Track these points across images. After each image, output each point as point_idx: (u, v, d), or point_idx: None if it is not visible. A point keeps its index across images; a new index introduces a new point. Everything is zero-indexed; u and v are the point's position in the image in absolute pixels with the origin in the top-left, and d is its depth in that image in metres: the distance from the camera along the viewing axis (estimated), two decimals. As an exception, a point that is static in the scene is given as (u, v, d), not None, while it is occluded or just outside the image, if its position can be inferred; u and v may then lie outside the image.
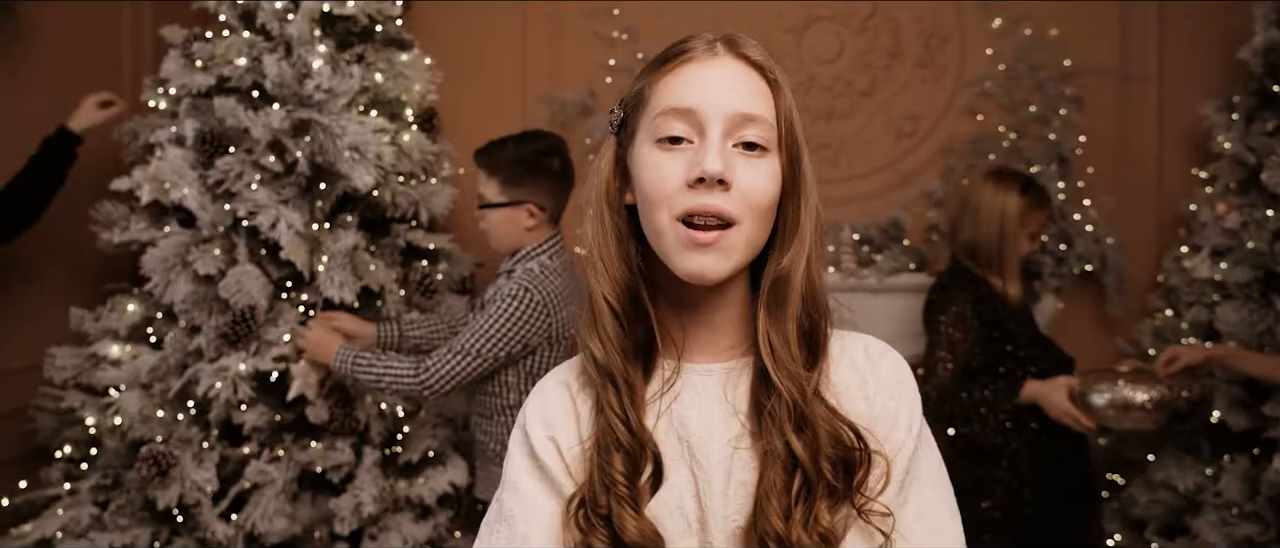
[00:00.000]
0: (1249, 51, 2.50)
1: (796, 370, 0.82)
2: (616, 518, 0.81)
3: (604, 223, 0.88)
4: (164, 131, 2.42)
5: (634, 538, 0.80)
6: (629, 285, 0.87)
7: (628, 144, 0.89)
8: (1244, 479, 2.28)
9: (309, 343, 2.20)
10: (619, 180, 0.90)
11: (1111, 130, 2.95)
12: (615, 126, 0.91)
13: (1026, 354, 2.16)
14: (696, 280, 0.83)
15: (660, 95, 0.85)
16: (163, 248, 2.31)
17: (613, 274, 0.86)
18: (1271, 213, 2.40)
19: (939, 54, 3.04)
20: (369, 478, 2.31)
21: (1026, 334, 2.19)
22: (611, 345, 0.85)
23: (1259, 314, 2.36)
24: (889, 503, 0.82)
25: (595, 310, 0.86)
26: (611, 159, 0.91)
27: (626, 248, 0.88)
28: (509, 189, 2.14)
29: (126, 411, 2.26)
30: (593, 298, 0.87)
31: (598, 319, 0.86)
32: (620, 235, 0.88)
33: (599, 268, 0.87)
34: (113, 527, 2.23)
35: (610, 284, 0.86)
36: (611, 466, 0.82)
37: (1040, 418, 2.12)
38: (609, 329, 0.85)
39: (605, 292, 0.86)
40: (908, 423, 0.86)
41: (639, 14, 3.15)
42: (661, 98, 0.85)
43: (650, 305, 0.87)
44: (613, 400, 0.84)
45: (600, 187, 0.90)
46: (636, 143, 0.87)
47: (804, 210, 0.85)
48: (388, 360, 2.09)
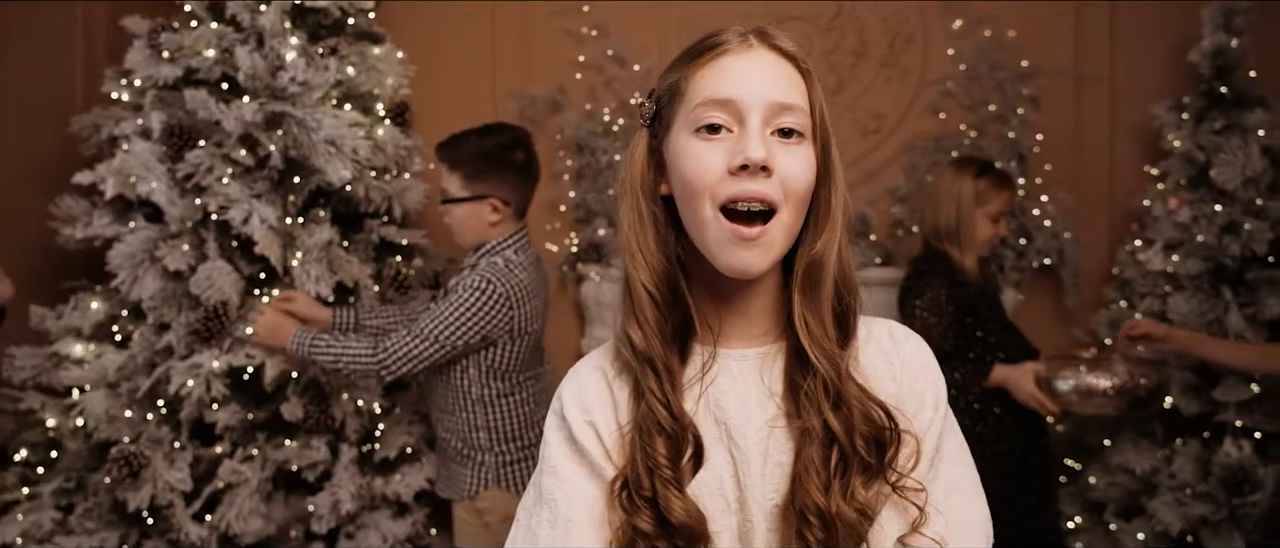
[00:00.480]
0: (1198, 54, 2.60)
1: (832, 350, 0.85)
2: (662, 499, 0.82)
3: (641, 213, 0.89)
4: (129, 124, 2.36)
5: (680, 518, 0.82)
6: (668, 274, 0.88)
7: (662, 136, 0.90)
8: (1196, 462, 2.38)
9: (262, 328, 2.16)
10: (653, 172, 0.91)
11: (1067, 129, 3.05)
12: (647, 119, 0.92)
13: (996, 340, 2.23)
14: (739, 275, 0.85)
15: (697, 87, 0.87)
16: (129, 243, 2.25)
17: (651, 263, 0.88)
18: (1220, 208, 2.50)
19: (903, 54, 3.11)
20: (346, 475, 2.28)
21: (997, 321, 2.27)
22: (651, 331, 0.86)
23: (1208, 305, 2.47)
24: (920, 479, 0.85)
25: (634, 298, 0.88)
26: (645, 151, 0.92)
27: (665, 237, 0.89)
28: (472, 183, 2.12)
29: (91, 411, 2.20)
30: (631, 286, 0.88)
31: (637, 306, 0.87)
32: (659, 225, 0.89)
33: (638, 257, 0.88)
34: (79, 531, 2.17)
35: (649, 273, 0.88)
36: (654, 449, 0.84)
37: (1004, 403, 2.20)
38: (649, 316, 0.87)
39: (644, 280, 0.87)
40: (934, 403, 0.89)
41: (608, 11, 3.16)
42: (699, 89, 0.86)
43: (688, 293, 0.89)
44: (653, 385, 0.86)
45: (635, 179, 0.91)
46: (673, 134, 0.89)
47: (835, 197, 0.88)
48: (345, 342, 2.08)
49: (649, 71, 3.14)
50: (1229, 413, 2.37)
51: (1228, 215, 2.49)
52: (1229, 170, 2.46)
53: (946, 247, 2.28)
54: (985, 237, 2.32)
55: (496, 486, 2.13)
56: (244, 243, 2.29)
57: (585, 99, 3.16)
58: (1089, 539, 2.54)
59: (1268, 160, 2.47)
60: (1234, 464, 2.31)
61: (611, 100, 3.16)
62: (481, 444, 2.12)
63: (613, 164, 3.06)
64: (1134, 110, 2.92)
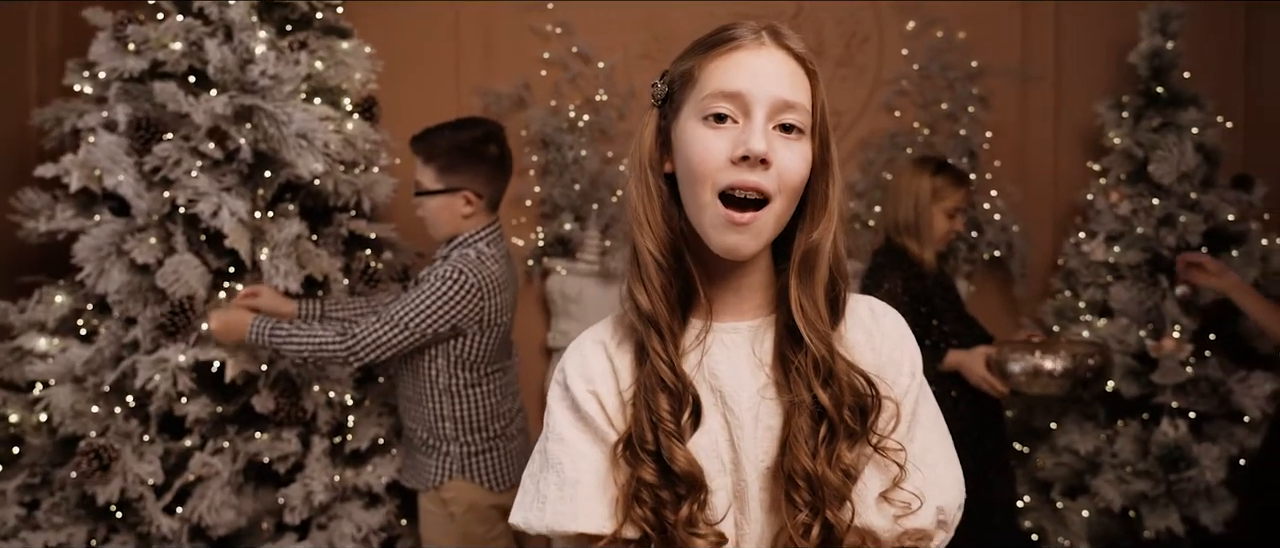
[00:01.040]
0: (1136, 56, 2.73)
1: (825, 331, 0.92)
2: (666, 451, 0.88)
3: (648, 186, 0.95)
4: (93, 116, 2.33)
5: (683, 467, 0.88)
6: (672, 243, 0.94)
7: (672, 117, 0.96)
8: (1136, 442, 2.52)
9: (216, 323, 2.13)
10: (660, 150, 0.97)
11: (1015, 126, 3.17)
12: (659, 101, 0.98)
13: (951, 329, 2.33)
14: (730, 256, 0.91)
15: (709, 77, 0.92)
16: (95, 236, 2.23)
17: (657, 233, 0.94)
18: (1157, 201, 2.64)
19: (859, 54, 3.21)
20: (319, 467, 2.29)
21: (953, 311, 2.37)
22: (657, 295, 0.92)
23: (1147, 293, 2.60)
24: (900, 440, 0.92)
25: (641, 264, 0.93)
26: (654, 130, 0.97)
27: (669, 209, 0.95)
28: (445, 176, 2.15)
29: (57, 405, 2.18)
30: (639, 253, 0.94)
31: (643, 271, 0.93)
32: (663, 198, 0.95)
33: (645, 226, 0.94)
34: (46, 526, 2.15)
35: (655, 241, 0.93)
36: (658, 405, 0.90)
37: (960, 387, 2.30)
38: (655, 281, 0.92)
39: (651, 247, 0.93)
40: (911, 370, 0.96)
41: (572, 9, 3.21)
42: (711, 79, 0.92)
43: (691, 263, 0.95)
44: (657, 346, 0.91)
45: (644, 154, 0.96)
46: (682, 118, 0.94)
47: (832, 189, 0.94)
48: (310, 329, 2.08)
49: (613, 69, 3.20)
50: (1166, 395, 2.50)
51: (1164, 208, 2.62)
52: (1165, 166, 2.60)
53: (906, 240, 2.38)
54: (942, 231, 2.42)
55: (461, 476, 2.16)
56: (212, 236, 2.28)
57: (550, 96, 3.20)
58: (1037, 517, 2.66)
59: (1201, 156, 2.62)
60: (1171, 443, 2.44)
61: (576, 97, 3.20)
62: (447, 434, 2.16)
63: (578, 160, 3.11)
64: (1077, 109, 3.06)
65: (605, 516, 0.91)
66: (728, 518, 0.92)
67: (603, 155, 3.15)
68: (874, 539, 0.91)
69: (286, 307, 2.24)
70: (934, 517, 0.93)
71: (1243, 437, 2.44)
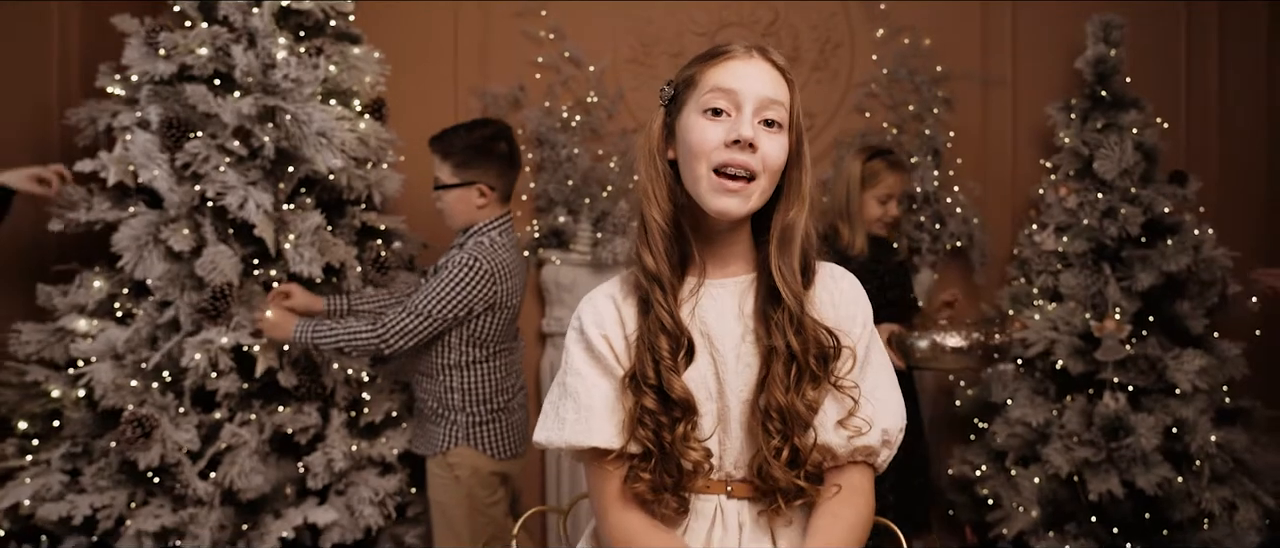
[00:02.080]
0: (1083, 62, 2.96)
1: (799, 291, 1.15)
2: (665, 382, 1.11)
3: (656, 169, 1.18)
4: (127, 116, 2.53)
5: (679, 394, 1.11)
6: (673, 214, 1.17)
7: (676, 114, 1.19)
8: (1082, 414, 2.75)
9: (267, 326, 2.35)
10: (665, 140, 1.19)
11: (976, 127, 3.41)
12: (666, 100, 1.21)
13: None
14: (722, 216, 1.13)
15: (709, 79, 1.15)
16: (133, 227, 2.42)
17: (661, 205, 1.16)
18: (1101, 196, 2.86)
19: (832, 58, 3.44)
20: (338, 437, 2.50)
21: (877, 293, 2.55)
22: (660, 256, 1.15)
23: (1093, 279, 2.84)
24: (854, 379, 1.15)
25: (648, 231, 1.16)
26: (661, 124, 1.20)
27: (672, 188, 1.18)
28: (461, 171, 2.38)
29: (99, 381, 2.38)
30: (646, 222, 1.16)
31: (649, 236, 1.15)
32: (667, 178, 1.18)
33: (652, 200, 1.17)
34: (91, 489, 2.34)
35: (660, 211, 1.16)
36: (659, 345, 1.12)
37: None
38: (659, 243, 1.15)
39: (656, 216, 1.16)
40: (863, 322, 1.20)
41: (564, 16, 3.42)
42: (710, 81, 1.15)
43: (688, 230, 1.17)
44: (659, 297, 1.14)
45: (653, 143, 1.19)
46: (685, 113, 1.17)
47: (804, 178, 1.17)
48: (346, 324, 2.30)
49: (602, 72, 3.41)
50: (1108, 371, 2.74)
51: (1107, 202, 2.85)
52: (1108, 163, 2.83)
53: (838, 223, 2.59)
54: (873, 216, 2.59)
55: (465, 443, 2.38)
56: (238, 226, 2.49)
57: (544, 97, 3.41)
58: (993, 485, 2.90)
59: (1140, 154, 2.85)
60: (1112, 415, 2.69)
61: (568, 98, 3.41)
62: (455, 405, 2.37)
63: (571, 158, 3.32)
64: (1032, 111, 3.28)
65: (614, 434, 1.14)
66: (713, 438, 1.15)
67: (593, 153, 3.37)
68: (831, 455, 1.15)
69: (317, 303, 2.46)
70: (880, 437, 1.16)
71: (1176, 408, 2.68)
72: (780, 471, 1.10)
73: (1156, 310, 2.80)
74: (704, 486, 1.16)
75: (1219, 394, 2.75)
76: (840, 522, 1.12)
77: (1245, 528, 2.61)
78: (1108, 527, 2.68)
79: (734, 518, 1.16)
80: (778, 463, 1.11)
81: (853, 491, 1.15)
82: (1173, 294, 2.80)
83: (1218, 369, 2.71)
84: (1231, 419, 2.77)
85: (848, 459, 1.16)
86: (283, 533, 2.41)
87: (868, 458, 1.17)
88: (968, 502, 3.01)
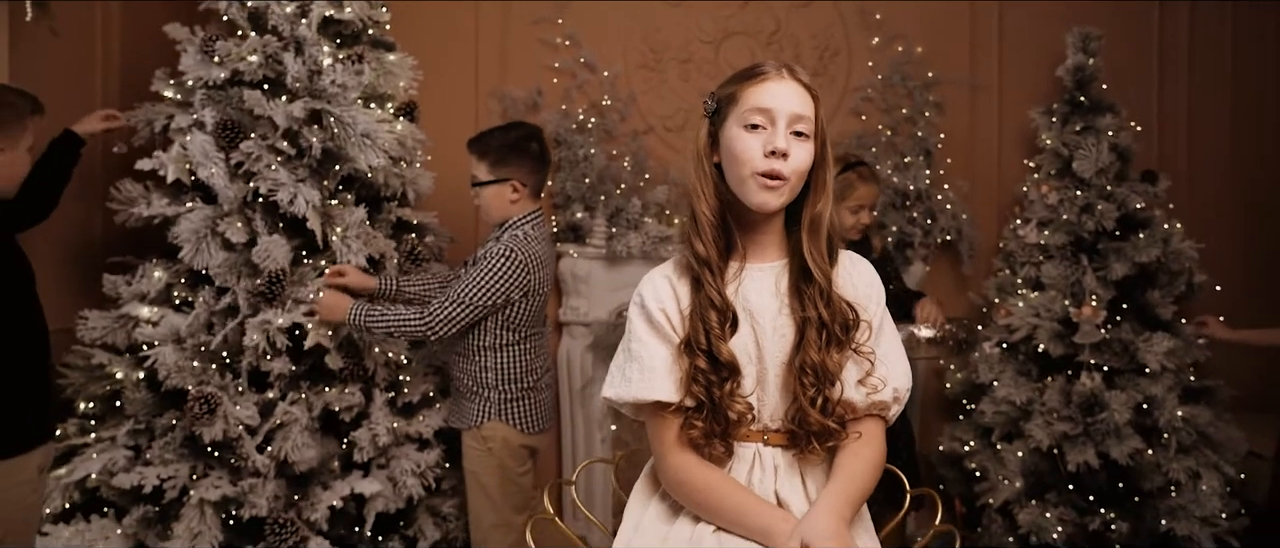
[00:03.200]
0: (1064, 70, 3.20)
1: (827, 270, 1.38)
2: (714, 347, 1.34)
3: (704, 171, 1.40)
4: (183, 118, 2.72)
5: (726, 358, 1.34)
6: (718, 208, 1.39)
7: (719, 125, 1.40)
8: (1061, 392, 2.99)
9: (323, 307, 2.57)
10: (709, 147, 1.41)
11: (964, 129, 3.65)
12: (710, 112, 1.43)
13: None
14: (762, 209, 1.36)
15: (748, 98, 1.36)
16: (192, 220, 2.62)
17: (709, 201, 1.38)
18: (1079, 193, 3.11)
19: (830, 65, 3.67)
20: (381, 415, 2.72)
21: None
22: (709, 243, 1.37)
23: (1071, 269, 3.09)
24: (871, 347, 1.39)
25: (698, 222, 1.38)
26: (706, 133, 1.42)
27: (717, 186, 1.40)
28: (496, 169, 2.60)
29: (164, 362, 2.58)
30: (697, 215, 1.38)
31: (700, 227, 1.38)
32: (713, 178, 1.40)
33: (701, 197, 1.39)
34: (157, 462, 2.54)
35: (708, 206, 1.38)
36: (709, 318, 1.35)
37: None
38: (707, 233, 1.37)
39: (705, 210, 1.38)
40: (878, 300, 1.44)
41: (579, 24, 3.63)
42: (749, 100, 1.36)
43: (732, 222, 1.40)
44: (709, 278, 1.36)
45: (700, 149, 1.41)
46: (728, 125, 1.38)
47: (827, 176, 1.39)
48: (396, 310, 2.52)
49: (615, 77, 3.63)
50: (1085, 353, 2.99)
51: (1085, 199, 3.08)
52: (1086, 163, 3.07)
53: None
54: (847, 225, 2.73)
55: (498, 418, 2.60)
56: (288, 220, 2.69)
57: (561, 100, 3.62)
58: (980, 459, 3.14)
59: (1115, 155, 3.10)
60: (1088, 393, 2.93)
61: (583, 101, 3.63)
62: (489, 383, 2.59)
63: (587, 157, 3.53)
64: (1016, 115, 3.52)
65: (672, 389, 1.36)
66: (753, 394, 1.38)
67: (608, 153, 3.58)
68: (852, 409, 1.38)
69: (370, 282, 2.66)
70: (892, 394, 1.40)
71: (1146, 386, 2.92)
72: (815, 416, 1.33)
73: (1129, 298, 3.04)
74: (745, 435, 1.39)
75: (1185, 374, 3.00)
76: (860, 458, 1.36)
77: (1208, 495, 2.86)
78: (1084, 495, 2.93)
79: (770, 461, 1.39)
80: (813, 410, 1.34)
81: (869, 437, 1.39)
82: (1144, 283, 3.04)
83: (1184, 351, 2.97)
84: (1196, 397, 3.02)
85: (865, 412, 1.39)
86: (332, 502, 2.62)
87: (881, 411, 1.41)
88: (957, 476, 3.25)
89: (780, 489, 1.37)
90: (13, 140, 2.02)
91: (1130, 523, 2.88)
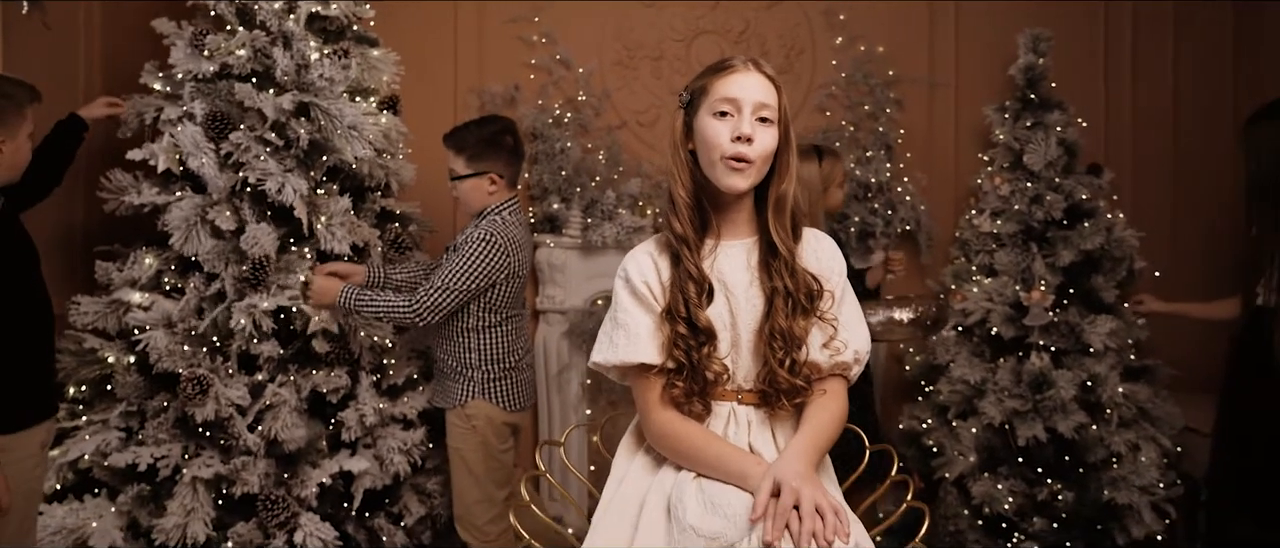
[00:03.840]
0: (1016, 69, 3.37)
1: (791, 246, 1.52)
2: (692, 315, 1.48)
3: (680, 158, 1.54)
4: (172, 110, 2.80)
5: (703, 324, 1.48)
6: (694, 191, 1.53)
7: (693, 115, 1.54)
8: (1012, 372, 3.18)
9: (315, 291, 2.68)
10: (684, 135, 1.55)
11: (922, 125, 3.82)
12: (684, 104, 1.56)
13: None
14: (731, 190, 1.50)
15: (717, 89, 1.51)
16: (183, 208, 2.70)
17: (685, 185, 1.53)
18: (1030, 184, 3.29)
19: (796, 63, 3.83)
20: (368, 396, 2.82)
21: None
22: (686, 223, 1.51)
23: (1022, 256, 3.27)
24: (834, 314, 1.53)
25: (676, 204, 1.52)
26: (681, 123, 1.56)
27: (692, 171, 1.54)
28: (474, 163, 2.72)
29: (155, 346, 2.66)
30: (675, 198, 1.52)
31: (677, 209, 1.52)
32: (689, 164, 1.54)
33: (677, 181, 1.53)
34: (150, 442, 2.62)
35: (684, 189, 1.52)
36: (687, 289, 1.49)
37: None
38: (684, 213, 1.51)
39: (681, 193, 1.52)
40: (840, 273, 1.59)
41: (555, 22, 3.75)
42: (718, 91, 1.50)
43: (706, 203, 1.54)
44: (687, 254, 1.50)
45: (676, 138, 1.55)
46: (700, 114, 1.52)
47: (791, 159, 1.54)
48: (384, 296, 2.63)
49: (590, 74, 3.75)
50: (1035, 335, 3.18)
51: (1034, 190, 3.27)
52: (1036, 156, 3.26)
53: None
54: (838, 201, 2.93)
55: (481, 397, 2.72)
56: (276, 209, 2.78)
57: (537, 95, 3.74)
58: (937, 436, 3.32)
59: (1062, 149, 3.28)
60: (1037, 372, 3.12)
61: (559, 97, 3.75)
62: (472, 364, 2.71)
63: (563, 150, 3.66)
64: (972, 111, 3.69)
65: (655, 353, 1.50)
66: (727, 358, 1.53)
67: (583, 147, 3.71)
68: (817, 369, 1.53)
69: (359, 271, 2.77)
70: (853, 356, 1.55)
71: (1090, 365, 3.12)
72: (784, 376, 1.48)
73: (1075, 283, 3.23)
74: (721, 394, 1.53)
75: (1127, 353, 3.21)
76: (825, 412, 1.51)
77: (1147, 467, 3.06)
78: (1033, 467, 3.12)
79: (744, 418, 1.53)
80: (782, 371, 1.49)
81: (833, 394, 1.54)
82: (1089, 269, 3.23)
83: (1125, 332, 3.17)
84: (1137, 375, 3.23)
85: (829, 372, 1.54)
86: (321, 480, 2.72)
87: (843, 372, 1.56)
88: (916, 453, 3.43)
89: (753, 441, 1.51)
90: (13, 131, 2.11)
91: (1075, 493, 3.08)
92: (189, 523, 2.56)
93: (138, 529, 2.61)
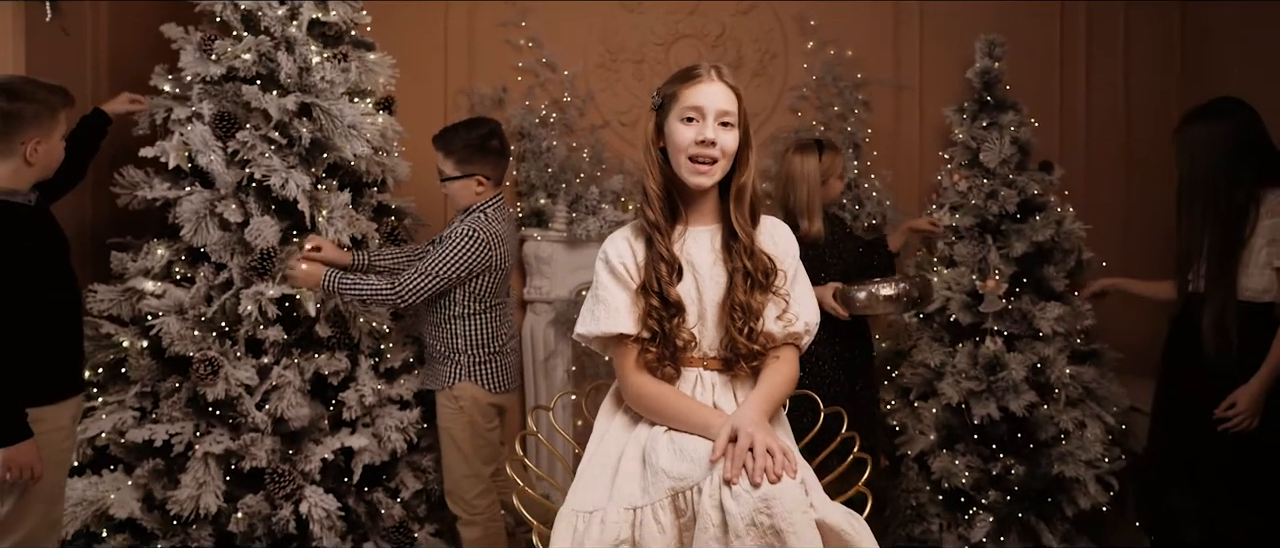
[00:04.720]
0: (973, 73, 3.57)
1: (750, 231, 1.74)
2: (664, 291, 1.69)
3: (651, 156, 1.75)
4: (182, 110, 2.99)
5: (674, 299, 1.70)
6: (664, 184, 1.74)
7: (663, 117, 1.75)
8: (969, 355, 3.39)
9: (300, 274, 2.82)
10: (656, 134, 1.76)
11: (889, 124, 4.04)
12: (656, 107, 1.77)
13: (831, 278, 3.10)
14: (697, 188, 1.72)
15: (685, 97, 1.71)
16: (193, 202, 2.89)
17: (656, 179, 1.74)
18: (986, 181, 3.50)
19: (769, 66, 4.04)
20: (366, 378, 3.02)
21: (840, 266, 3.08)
22: (658, 212, 1.72)
23: (979, 248, 3.47)
24: (787, 291, 1.75)
25: (649, 196, 1.73)
26: (654, 124, 1.77)
27: (663, 167, 1.75)
28: (462, 166, 2.91)
29: (168, 331, 2.84)
30: (647, 190, 1.73)
31: (649, 200, 1.73)
32: (660, 161, 1.75)
33: (649, 175, 1.74)
34: (164, 420, 2.81)
35: (655, 183, 1.74)
36: (659, 269, 1.70)
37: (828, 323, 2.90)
38: (656, 204, 1.73)
39: (653, 186, 1.73)
40: (793, 256, 1.81)
41: (541, 26, 3.95)
42: (685, 99, 1.71)
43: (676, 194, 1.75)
44: (659, 239, 1.72)
45: (648, 137, 1.76)
46: (670, 118, 1.73)
47: (751, 156, 1.75)
48: (368, 280, 2.80)
49: (575, 76, 3.96)
50: (990, 321, 3.40)
51: (990, 186, 3.47)
52: (991, 154, 3.46)
53: (798, 219, 3.12)
54: (836, 192, 3.15)
55: (468, 380, 2.92)
56: (279, 203, 2.97)
57: (525, 96, 3.94)
58: (900, 416, 3.55)
59: (1015, 147, 3.50)
60: (991, 355, 3.34)
61: (545, 98, 3.95)
62: (459, 348, 2.91)
63: (549, 148, 3.86)
64: (934, 112, 3.90)
65: (632, 324, 1.72)
66: (695, 328, 1.74)
67: (568, 145, 3.91)
68: (772, 339, 1.75)
69: (344, 257, 2.95)
70: (804, 327, 1.77)
71: (1040, 348, 3.34)
72: (743, 343, 1.70)
73: (1028, 273, 3.44)
74: (689, 360, 1.75)
75: (1074, 338, 3.44)
76: (779, 373, 1.73)
77: (1092, 442, 3.30)
78: (987, 444, 3.35)
79: (709, 382, 1.75)
80: (742, 338, 1.70)
81: (786, 359, 1.76)
82: (1040, 259, 3.46)
83: (1073, 318, 3.40)
84: (1083, 358, 3.46)
85: (783, 341, 1.76)
86: (324, 456, 2.91)
87: (795, 341, 1.78)
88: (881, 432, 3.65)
89: (717, 401, 1.73)
90: (47, 132, 2.28)
91: (1026, 467, 3.31)
92: (201, 495, 2.75)
93: (153, 501, 2.80)
